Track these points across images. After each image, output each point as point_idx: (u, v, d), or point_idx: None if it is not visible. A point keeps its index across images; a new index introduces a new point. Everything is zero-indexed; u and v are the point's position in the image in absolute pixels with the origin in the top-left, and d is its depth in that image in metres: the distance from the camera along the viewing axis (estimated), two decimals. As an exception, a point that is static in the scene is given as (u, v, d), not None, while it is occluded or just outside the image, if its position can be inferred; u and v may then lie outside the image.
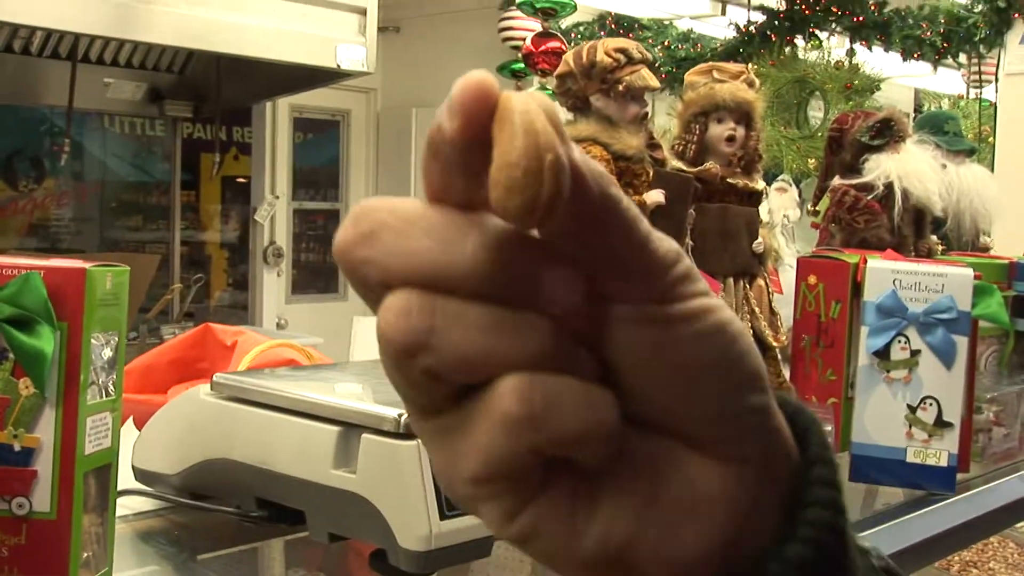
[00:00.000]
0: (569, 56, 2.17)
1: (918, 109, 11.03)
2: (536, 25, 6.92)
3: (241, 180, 9.25)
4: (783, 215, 5.53)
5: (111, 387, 1.30)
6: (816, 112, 8.74)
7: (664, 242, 0.54)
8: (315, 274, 9.78)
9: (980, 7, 7.74)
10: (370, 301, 0.54)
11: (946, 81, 9.39)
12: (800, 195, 5.82)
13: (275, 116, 8.85)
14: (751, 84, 2.32)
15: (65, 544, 1.27)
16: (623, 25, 9.06)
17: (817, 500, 0.59)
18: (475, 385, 0.53)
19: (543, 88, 6.82)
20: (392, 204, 0.53)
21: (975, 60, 8.27)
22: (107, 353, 1.28)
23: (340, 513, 1.44)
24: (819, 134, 8.39)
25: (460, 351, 0.51)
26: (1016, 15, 7.07)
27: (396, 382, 0.54)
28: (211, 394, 1.59)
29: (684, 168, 2.21)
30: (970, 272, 1.98)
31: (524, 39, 7.34)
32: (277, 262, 9.11)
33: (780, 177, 7.20)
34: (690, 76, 2.35)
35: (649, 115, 2.12)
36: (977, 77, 8.70)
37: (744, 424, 0.56)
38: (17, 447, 1.26)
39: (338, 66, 6.58)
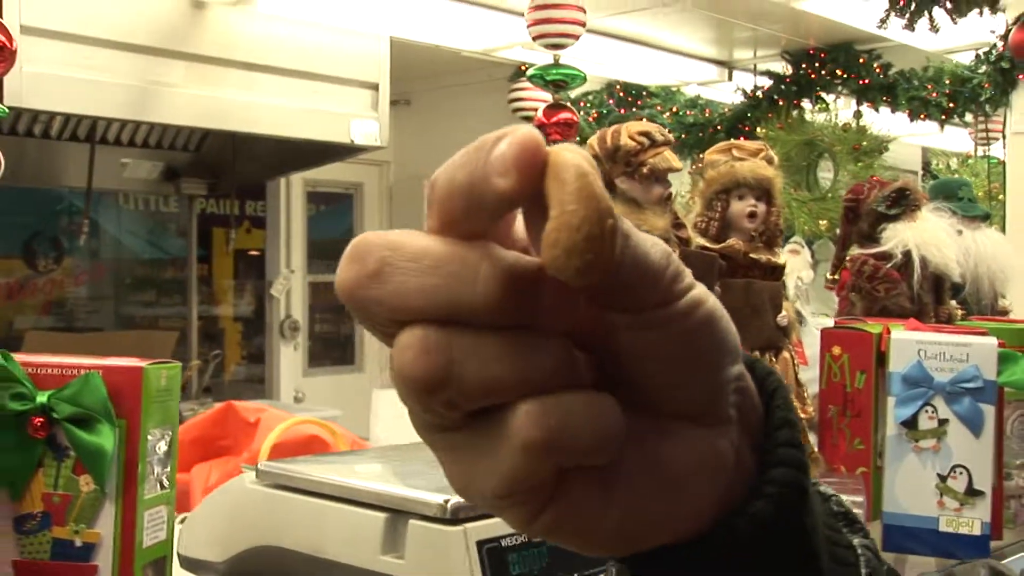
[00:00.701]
0: (594, 140, 2.21)
1: (926, 167, 11.18)
2: (546, 96, 6.99)
3: (254, 253, 9.24)
4: (797, 277, 5.56)
5: (166, 480, 1.34)
6: (826, 173, 8.77)
7: (656, 248, 0.56)
8: (331, 346, 9.75)
9: (984, 68, 7.80)
10: (379, 334, 0.56)
11: (953, 139, 9.39)
12: (813, 256, 5.84)
13: (289, 190, 8.91)
14: (770, 161, 2.36)
15: None
16: (631, 93, 9.10)
17: (782, 460, 0.63)
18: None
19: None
20: (391, 240, 0.54)
21: (981, 119, 8.26)
22: (162, 447, 1.32)
23: None
24: (829, 195, 8.55)
25: (479, 381, 0.53)
26: (1021, 76, 7.11)
27: (411, 407, 0.56)
28: (256, 482, 1.62)
29: (708, 245, 2.24)
30: (994, 341, 2.01)
31: (535, 110, 7.38)
32: (293, 335, 9.10)
33: (792, 239, 7.19)
34: (710, 155, 2.39)
35: (673, 195, 2.16)
36: (984, 136, 8.62)
37: (728, 391, 0.60)
38: (79, 543, 1.29)
39: (352, 141, 6.64)
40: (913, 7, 4.82)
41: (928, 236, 2.70)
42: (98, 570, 1.28)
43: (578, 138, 6.79)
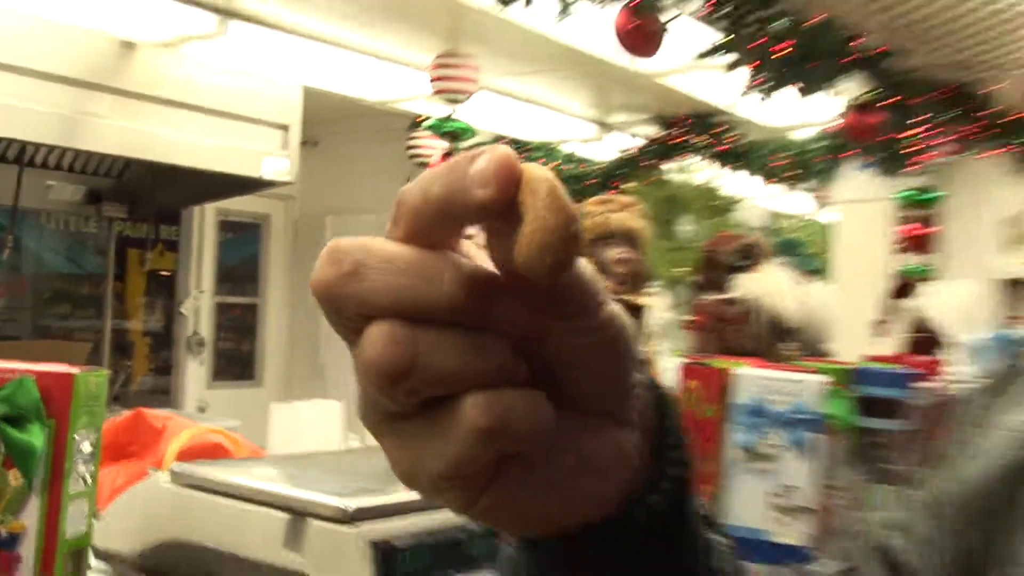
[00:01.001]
0: None
1: (771, 225, 11.33)
2: (440, 143, 7.07)
3: (165, 273, 9.13)
4: (657, 317, 5.71)
5: (88, 477, 1.33)
6: (684, 226, 8.93)
7: (588, 267, 0.60)
8: (234, 362, 9.66)
9: (821, 144, 8.00)
10: (344, 331, 0.58)
11: (795, 201, 9.51)
12: (672, 299, 5.98)
13: (202, 217, 8.88)
14: (640, 214, 2.43)
15: None
16: (516, 146, 8.88)
17: (674, 461, 0.68)
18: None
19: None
20: (365, 244, 0.58)
21: (818, 186, 8.46)
22: (87, 447, 1.31)
23: None
24: (687, 246, 8.62)
25: (440, 372, 0.56)
26: (849, 151, 7.34)
27: (369, 394, 0.59)
28: (170, 482, 1.62)
29: None
30: (822, 379, 2.08)
31: (430, 156, 7.49)
32: (199, 350, 9.05)
33: (653, 285, 7.37)
34: (588, 206, 2.47)
35: None
36: (820, 200, 8.89)
37: (635, 394, 0.64)
38: (4, 533, 1.29)
39: (263, 176, 6.64)
40: (771, 84, 4.92)
41: (770, 286, 2.79)
42: (21, 558, 1.29)
43: None
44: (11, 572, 1.29)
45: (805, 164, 8.19)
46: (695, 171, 8.86)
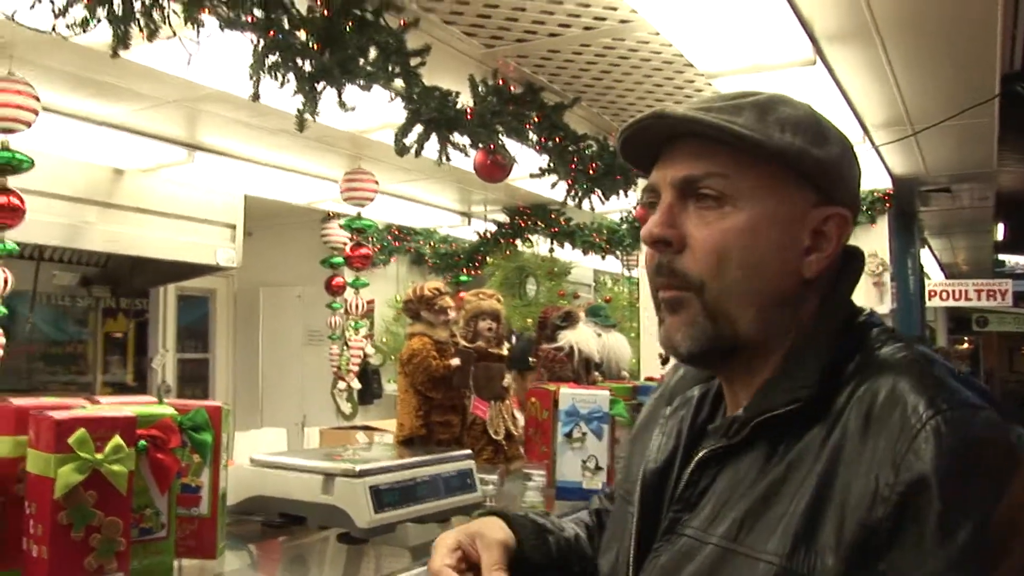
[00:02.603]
0: (410, 290, 2.84)
1: (596, 281, 11.58)
2: (347, 235, 7.41)
3: (118, 335, 8.87)
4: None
5: (225, 459, 1.89)
6: (531, 287, 9.26)
7: None
8: (192, 404, 9.52)
9: (625, 226, 8.44)
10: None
11: (611, 264, 9.74)
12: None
13: (165, 293, 8.86)
14: (499, 300, 3.00)
15: (214, 530, 1.85)
16: (404, 231, 9.29)
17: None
18: None
19: (356, 279, 7.40)
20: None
21: (625, 255, 8.79)
22: (224, 438, 1.91)
23: (327, 516, 2.06)
24: (533, 303, 8.95)
25: None
26: None
27: None
28: (251, 464, 2.23)
29: (467, 345, 2.89)
30: (607, 393, 2.66)
31: (342, 243, 7.73)
32: (168, 395, 9.04)
33: (512, 333, 7.78)
34: (467, 296, 3.01)
35: (451, 320, 2.81)
36: (628, 265, 9.21)
37: None
38: (193, 484, 1.83)
39: (217, 263, 7.02)
40: (580, 193, 5.46)
41: (582, 337, 3.33)
42: (201, 498, 1.82)
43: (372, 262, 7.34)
44: (197, 504, 1.82)
45: (614, 240, 8.49)
46: (537, 246, 9.01)
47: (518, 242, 8.86)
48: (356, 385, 8.24)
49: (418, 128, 4.28)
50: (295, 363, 9.73)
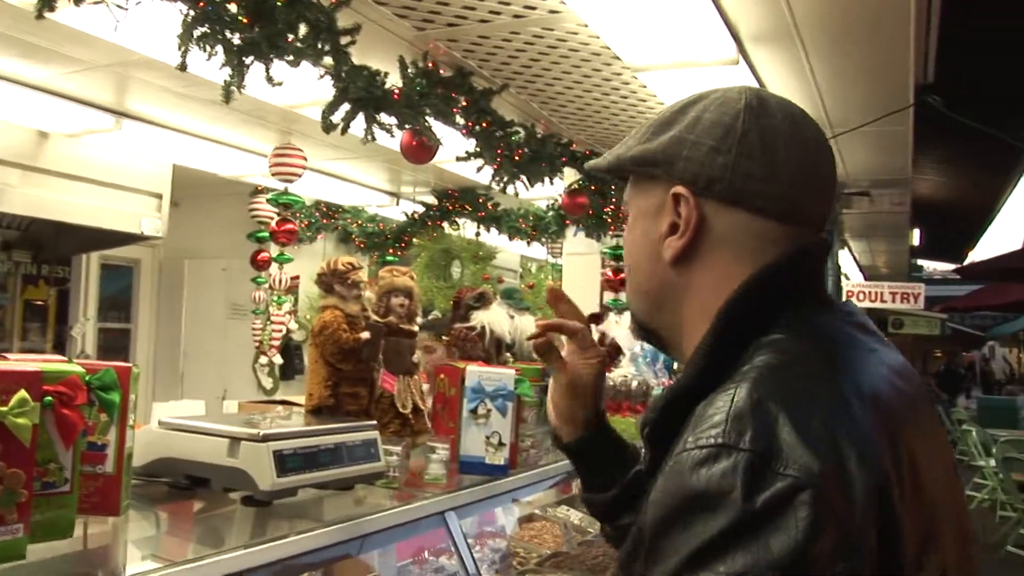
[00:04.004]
0: (324, 264, 2.87)
1: (523, 268, 11.69)
2: (275, 210, 7.42)
3: (39, 303, 8.74)
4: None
5: (132, 419, 1.92)
6: (456, 270, 9.29)
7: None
8: (111, 376, 9.39)
9: (551, 213, 8.54)
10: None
11: (537, 251, 9.82)
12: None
13: (88, 261, 8.80)
14: (412, 278, 3.05)
15: (118, 488, 1.88)
16: (332, 208, 9.28)
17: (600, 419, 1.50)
18: None
19: (281, 254, 7.40)
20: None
21: (550, 241, 8.93)
22: (133, 404, 1.93)
23: (231, 478, 2.10)
24: (457, 286, 8.80)
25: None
26: (567, 222, 7.96)
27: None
28: (159, 427, 2.25)
29: (379, 320, 2.94)
30: (513, 372, 2.74)
31: (269, 218, 7.73)
32: None
33: (433, 312, 7.82)
34: (381, 272, 3.05)
35: (362, 294, 2.85)
36: (552, 252, 9.39)
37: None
38: (99, 442, 1.87)
39: (142, 232, 6.97)
40: (505, 179, 5.53)
41: (494, 318, 3.40)
42: (107, 456, 1.85)
43: (297, 240, 7.35)
44: (102, 462, 1.85)
45: (540, 227, 8.58)
46: (464, 229, 9.05)
47: (445, 224, 8.89)
48: (278, 360, 8.25)
49: (345, 106, 4.32)
50: (218, 336, 9.69)
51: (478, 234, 8.90)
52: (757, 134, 1.12)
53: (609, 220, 7.10)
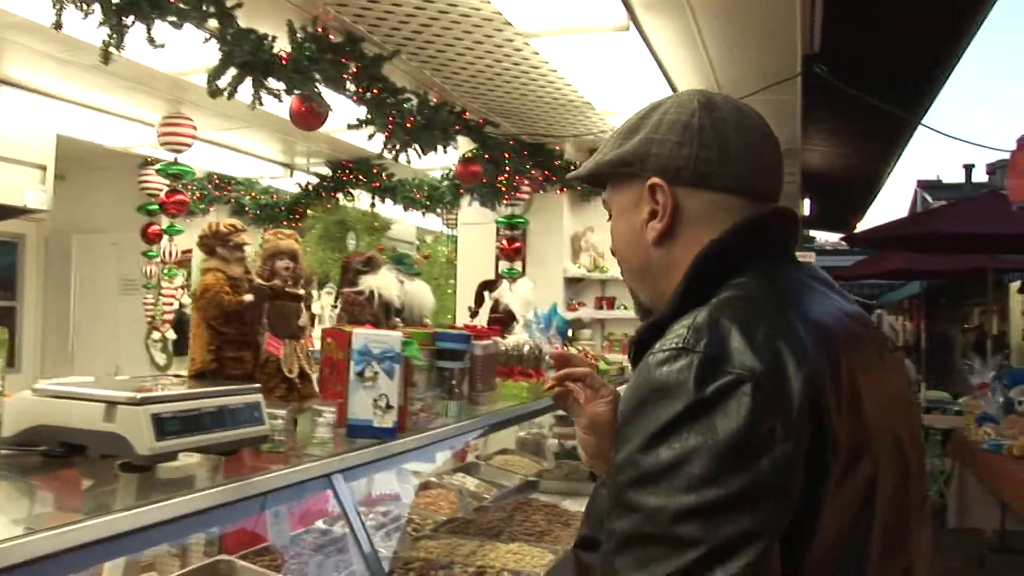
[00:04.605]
0: (207, 226, 2.81)
1: (418, 238, 11.58)
2: (165, 181, 7.27)
3: None
4: (330, 306, 6.19)
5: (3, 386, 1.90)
6: (351, 242, 9.16)
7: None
8: (-4, 353, 9.12)
9: (446, 183, 8.47)
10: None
11: (432, 222, 9.73)
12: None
13: None
14: (297, 240, 2.99)
15: None
16: (225, 180, 9.12)
17: None
18: None
19: (171, 225, 7.24)
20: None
21: (445, 212, 8.89)
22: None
23: (108, 444, 2.01)
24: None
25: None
26: (461, 191, 7.97)
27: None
28: (32, 394, 2.15)
29: (263, 282, 2.88)
30: (400, 334, 2.70)
31: (158, 190, 7.61)
32: None
33: (328, 284, 7.77)
34: (266, 235, 2.99)
35: (246, 256, 2.79)
36: (448, 222, 9.33)
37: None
38: None
39: (26, 205, 6.72)
40: (397, 147, 5.46)
41: (383, 282, 3.33)
42: None
43: (187, 211, 7.19)
44: None
45: (435, 197, 8.53)
46: (359, 201, 8.97)
47: (340, 196, 8.80)
48: (171, 335, 8.09)
49: (232, 71, 4.23)
50: (109, 312, 9.47)
51: (373, 205, 8.84)
52: (711, 126, 1.34)
53: (503, 189, 7.10)
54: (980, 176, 27.43)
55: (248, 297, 2.70)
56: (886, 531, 1.18)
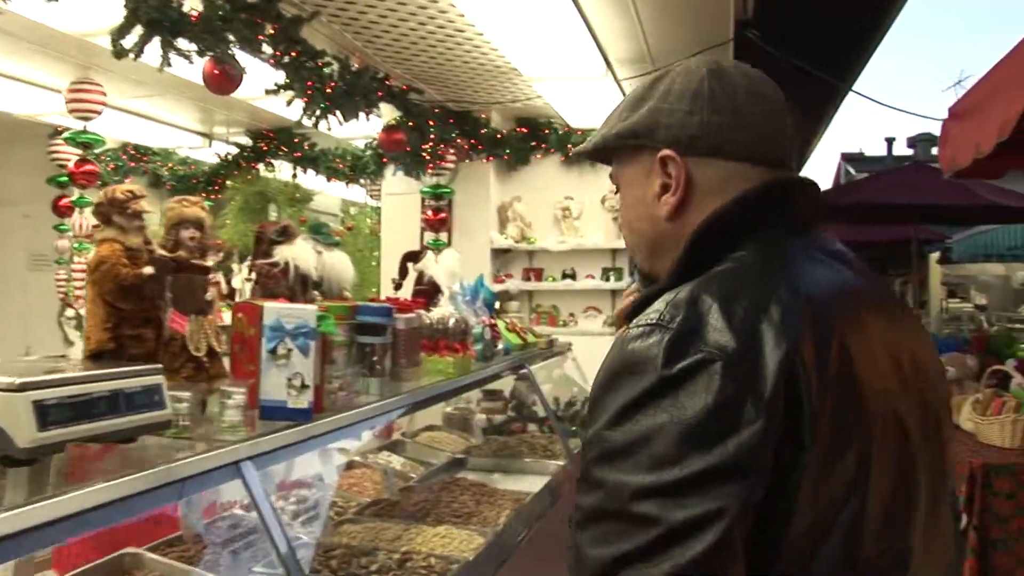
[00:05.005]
0: (102, 193, 2.58)
1: (342, 210, 11.41)
2: (75, 151, 6.98)
3: None
4: (243, 279, 5.99)
5: None
6: (273, 214, 8.88)
7: None
8: None
9: (369, 152, 8.30)
10: None
11: (356, 193, 9.66)
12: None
13: None
14: (204, 208, 2.78)
15: None
16: (140, 151, 8.91)
17: None
18: None
19: (81, 197, 6.93)
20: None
21: (369, 182, 8.69)
22: None
23: None
24: None
25: None
26: (384, 159, 7.76)
27: None
28: None
29: (166, 254, 2.66)
30: (315, 308, 2.52)
31: (68, 161, 7.33)
32: None
33: (248, 259, 7.51)
34: (169, 203, 2.77)
35: (145, 226, 2.57)
36: (371, 193, 9.16)
37: None
38: None
39: None
40: (317, 114, 5.25)
41: (299, 253, 3.16)
42: None
43: (99, 182, 6.89)
44: None
45: (358, 167, 8.35)
46: (280, 171, 8.83)
47: (260, 166, 8.66)
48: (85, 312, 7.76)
49: (139, 30, 3.98)
50: (19, 290, 9.13)
51: (295, 176, 8.70)
52: (722, 92, 1.29)
53: (428, 158, 6.94)
54: (901, 149, 27.84)
55: (148, 269, 2.47)
56: (884, 517, 1.14)
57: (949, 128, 4.94)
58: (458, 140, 7.26)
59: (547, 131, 8.01)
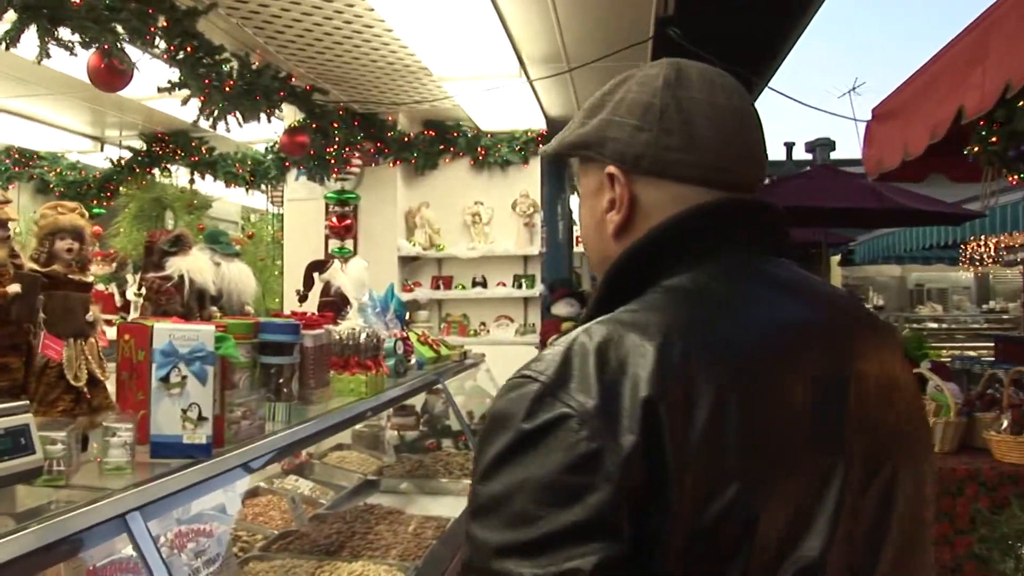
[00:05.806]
0: None
1: (242, 217, 11.04)
2: None
3: None
4: (134, 293, 5.57)
5: None
6: (169, 221, 8.49)
7: None
8: None
9: (271, 156, 7.97)
10: None
11: (257, 200, 9.42)
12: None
13: None
14: (83, 215, 2.43)
15: None
16: (26, 155, 8.47)
17: None
18: None
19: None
20: None
21: (271, 188, 8.41)
22: None
23: None
24: None
25: None
26: (287, 163, 7.42)
27: None
28: None
29: (37, 269, 2.31)
30: (212, 328, 2.20)
31: None
32: None
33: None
34: (42, 209, 2.40)
35: (12, 236, 2.21)
36: (273, 200, 8.86)
37: None
38: None
39: None
40: (215, 114, 4.90)
41: (195, 265, 2.83)
42: None
43: None
44: None
45: (259, 171, 8.05)
46: (177, 177, 8.51)
47: (156, 171, 8.34)
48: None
49: (11, 16, 3.60)
50: None
51: (192, 181, 8.36)
52: (675, 108, 1.20)
53: (332, 162, 6.65)
54: (800, 154, 28.23)
55: (14, 288, 2.10)
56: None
57: (873, 130, 4.78)
58: (364, 143, 6.98)
59: (456, 134, 7.75)
